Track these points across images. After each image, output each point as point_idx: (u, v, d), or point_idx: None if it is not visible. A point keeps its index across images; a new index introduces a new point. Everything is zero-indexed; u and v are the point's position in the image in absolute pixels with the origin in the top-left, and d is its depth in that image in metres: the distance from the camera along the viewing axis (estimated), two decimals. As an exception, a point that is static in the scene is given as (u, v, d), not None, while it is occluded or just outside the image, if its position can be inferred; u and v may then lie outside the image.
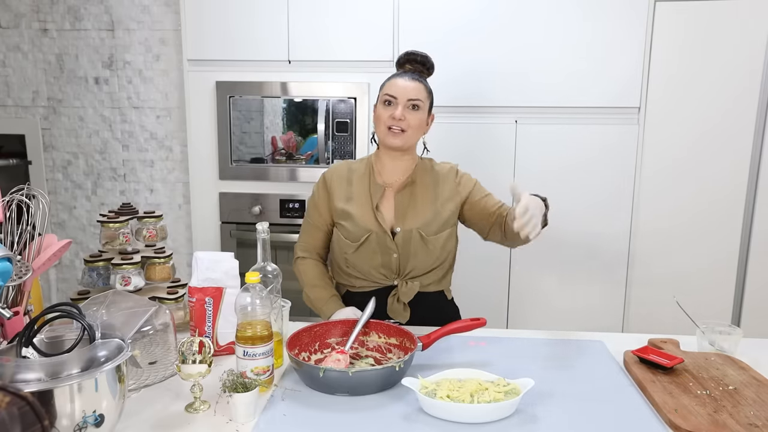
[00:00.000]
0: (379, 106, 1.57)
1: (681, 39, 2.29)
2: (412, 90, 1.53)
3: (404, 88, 1.53)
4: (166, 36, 2.72)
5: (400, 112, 1.52)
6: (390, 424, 1.05)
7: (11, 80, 2.83)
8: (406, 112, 1.53)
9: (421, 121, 1.55)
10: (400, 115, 1.52)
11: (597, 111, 2.36)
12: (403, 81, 1.54)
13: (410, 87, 1.53)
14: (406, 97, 1.52)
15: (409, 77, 1.55)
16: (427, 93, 1.57)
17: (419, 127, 1.56)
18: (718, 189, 2.35)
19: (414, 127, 1.54)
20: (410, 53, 1.61)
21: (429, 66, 1.62)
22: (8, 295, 1.17)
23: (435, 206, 1.59)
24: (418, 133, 1.58)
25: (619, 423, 1.08)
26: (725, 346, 1.36)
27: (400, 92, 1.53)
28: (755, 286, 2.38)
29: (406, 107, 1.52)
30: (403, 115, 1.52)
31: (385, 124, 1.54)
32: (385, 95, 1.55)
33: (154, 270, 1.56)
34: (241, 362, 1.16)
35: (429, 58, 1.61)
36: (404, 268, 1.57)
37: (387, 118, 1.53)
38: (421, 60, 1.60)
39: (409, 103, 1.53)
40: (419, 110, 1.54)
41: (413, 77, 1.56)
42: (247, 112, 2.52)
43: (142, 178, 2.85)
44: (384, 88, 1.57)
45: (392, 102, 1.54)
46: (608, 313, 2.46)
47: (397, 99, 1.53)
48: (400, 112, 1.52)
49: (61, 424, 0.86)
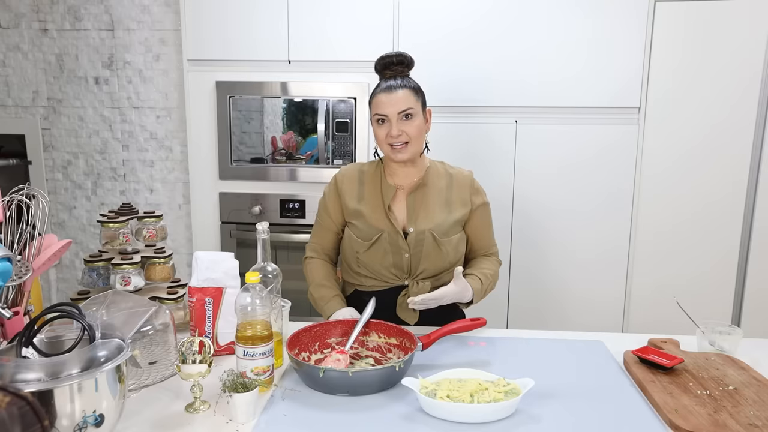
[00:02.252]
0: (374, 125, 1.56)
1: (681, 39, 2.29)
2: (400, 101, 1.50)
3: (391, 103, 1.50)
4: (166, 36, 2.72)
5: (396, 130, 1.50)
6: (390, 424, 1.05)
7: (11, 80, 2.83)
8: (402, 125, 1.50)
9: (419, 128, 1.53)
10: (396, 132, 1.50)
11: (597, 111, 2.36)
12: (387, 96, 1.50)
13: (397, 99, 1.50)
14: (396, 111, 1.50)
15: (393, 86, 1.51)
16: (415, 95, 1.53)
17: (420, 133, 1.54)
18: (718, 189, 2.35)
19: (415, 136, 1.52)
20: (385, 57, 1.56)
21: (407, 63, 1.57)
22: (8, 295, 1.17)
23: (447, 208, 1.59)
24: (421, 138, 1.56)
25: (619, 423, 1.07)
26: (725, 346, 1.36)
27: (388, 109, 1.50)
28: (755, 287, 2.38)
29: (399, 120, 1.50)
30: (400, 130, 1.50)
31: (385, 142, 1.53)
32: (376, 115, 1.53)
33: (154, 270, 1.56)
34: (241, 362, 1.16)
35: (405, 55, 1.56)
36: (415, 269, 1.57)
37: (385, 137, 1.52)
38: (398, 60, 1.55)
39: (401, 115, 1.50)
40: (414, 117, 1.52)
41: (396, 85, 1.51)
42: (247, 112, 2.52)
43: (142, 178, 2.85)
44: (372, 107, 1.54)
45: (384, 120, 1.52)
46: (608, 314, 2.46)
47: (388, 116, 1.50)
48: (396, 130, 1.50)
49: (61, 424, 0.86)
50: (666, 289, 2.38)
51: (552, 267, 2.46)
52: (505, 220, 2.43)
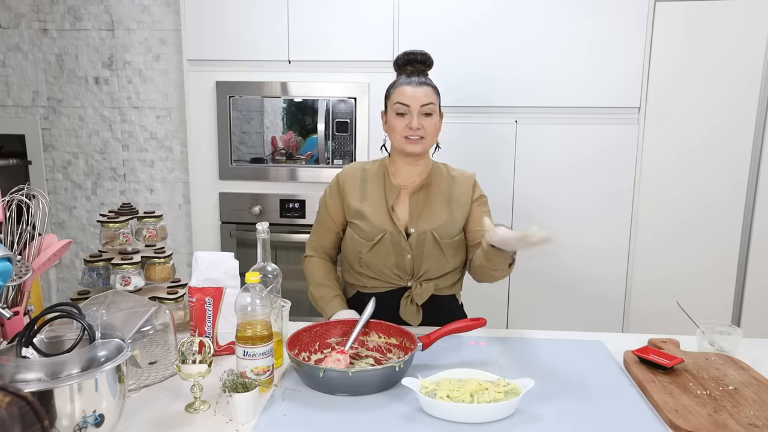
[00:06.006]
0: (391, 115, 1.55)
1: (681, 39, 2.29)
2: (423, 96, 1.51)
3: (415, 97, 1.51)
4: (166, 36, 2.72)
5: (416, 122, 1.50)
6: (390, 424, 1.05)
7: (11, 80, 2.83)
8: (422, 120, 1.51)
9: (436, 126, 1.55)
10: (417, 125, 1.50)
11: (597, 111, 2.36)
12: (411, 89, 1.52)
13: (421, 93, 1.51)
14: (418, 104, 1.51)
15: (416, 82, 1.53)
16: (436, 95, 1.55)
17: (436, 131, 1.56)
18: (718, 189, 2.35)
19: (431, 133, 1.54)
20: (409, 53, 1.58)
21: (430, 63, 1.60)
22: (8, 295, 1.17)
23: (449, 209, 1.59)
24: (435, 136, 1.57)
25: (619, 423, 1.07)
26: (725, 346, 1.36)
27: (412, 101, 1.51)
28: (755, 286, 2.38)
29: (420, 115, 1.51)
30: (420, 123, 1.51)
31: (401, 134, 1.53)
32: (397, 104, 1.52)
33: (154, 270, 1.56)
34: (241, 362, 1.16)
35: (428, 55, 1.59)
36: (418, 270, 1.57)
37: (403, 128, 1.52)
38: (422, 59, 1.57)
39: (422, 110, 1.51)
40: (433, 115, 1.53)
41: (420, 81, 1.54)
42: (247, 112, 2.52)
43: (142, 178, 2.85)
44: (393, 96, 1.54)
45: (405, 112, 1.52)
46: (608, 313, 2.46)
47: (410, 107, 1.51)
48: (417, 122, 1.50)
49: (61, 424, 0.86)
50: (666, 289, 2.38)
51: (552, 267, 2.45)
52: (505, 219, 2.43)
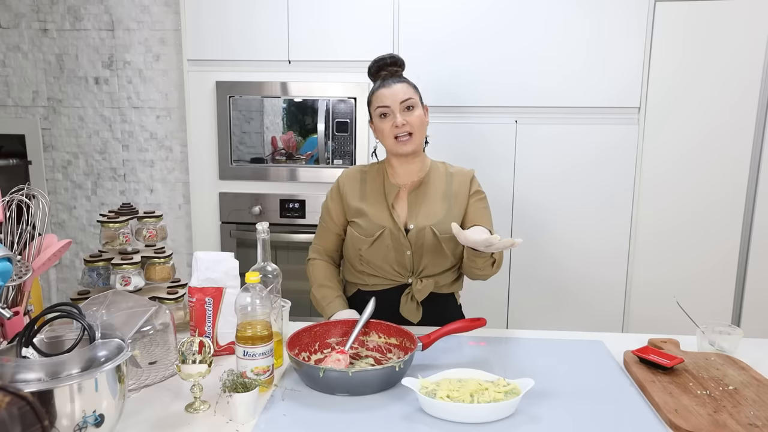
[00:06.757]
0: (376, 121, 1.58)
1: (681, 39, 2.29)
2: (401, 92, 1.54)
3: (393, 95, 1.54)
4: (166, 36, 2.72)
5: (400, 119, 1.53)
6: (390, 424, 1.05)
7: (11, 80, 2.83)
8: (405, 116, 1.54)
9: (421, 118, 1.56)
10: (401, 122, 1.52)
11: (597, 111, 2.36)
12: (388, 90, 1.55)
13: (397, 90, 1.54)
14: (397, 101, 1.53)
15: (390, 83, 1.56)
16: (413, 89, 1.58)
17: (422, 124, 1.57)
18: (718, 189, 2.35)
19: (418, 126, 1.55)
20: (379, 59, 1.62)
21: (401, 63, 1.63)
22: (8, 295, 1.17)
23: (447, 205, 1.60)
24: (423, 130, 1.59)
25: (619, 423, 1.08)
26: (725, 346, 1.36)
27: (391, 101, 1.53)
28: (755, 286, 2.38)
29: (402, 111, 1.53)
30: (404, 119, 1.53)
31: (390, 136, 1.55)
32: (378, 108, 1.56)
33: (154, 270, 1.56)
34: (241, 362, 1.16)
35: (397, 56, 1.63)
36: (418, 266, 1.58)
37: (390, 129, 1.54)
38: (391, 61, 1.61)
39: (403, 106, 1.53)
40: (415, 108, 1.55)
41: (394, 81, 1.56)
42: (247, 112, 2.52)
43: (142, 178, 2.85)
44: (374, 102, 1.57)
45: (388, 113, 1.54)
46: (608, 313, 2.46)
47: (391, 107, 1.54)
48: (401, 119, 1.53)
49: (61, 424, 0.86)
50: (666, 289, 2.38)
51: (552, 267, 2.45)
52: (505, 220, 2.43)
